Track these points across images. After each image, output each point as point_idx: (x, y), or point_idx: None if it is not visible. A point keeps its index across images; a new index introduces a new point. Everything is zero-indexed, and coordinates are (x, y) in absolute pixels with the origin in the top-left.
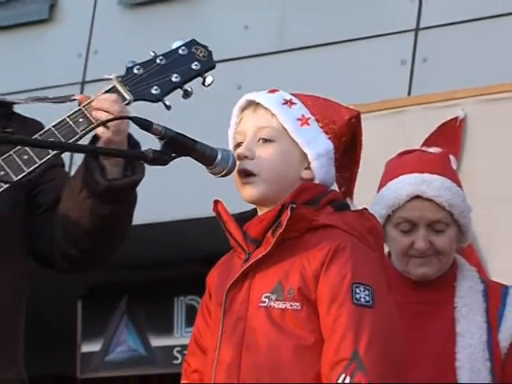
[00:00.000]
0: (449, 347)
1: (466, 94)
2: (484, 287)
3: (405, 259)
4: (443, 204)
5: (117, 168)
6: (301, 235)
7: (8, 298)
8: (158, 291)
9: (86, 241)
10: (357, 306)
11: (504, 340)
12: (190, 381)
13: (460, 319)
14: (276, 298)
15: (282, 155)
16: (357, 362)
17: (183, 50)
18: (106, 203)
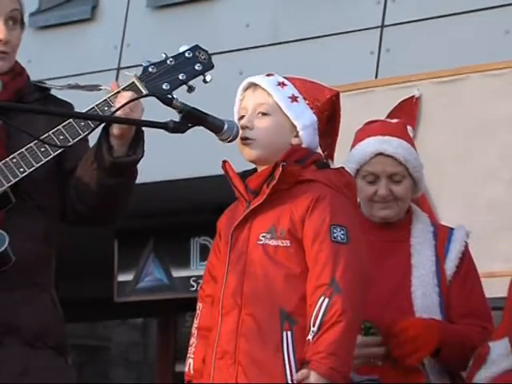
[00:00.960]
0: (406, 276)
1: (421, 77)
2: (433, 229)
3: (370, 204)
4: (400, 159)
5: (122, 148)
6: (290, 187)
7: (40, 245)
8: (178, 234)
9: (91, 201)
10: (334, 242)
11: (449, 269)
12: (204, 304)
13: (414, 254)
14: (270, 237)
15: (276, 126)
16: (334, 286)
17: (188, 54)
18: (110, 176)
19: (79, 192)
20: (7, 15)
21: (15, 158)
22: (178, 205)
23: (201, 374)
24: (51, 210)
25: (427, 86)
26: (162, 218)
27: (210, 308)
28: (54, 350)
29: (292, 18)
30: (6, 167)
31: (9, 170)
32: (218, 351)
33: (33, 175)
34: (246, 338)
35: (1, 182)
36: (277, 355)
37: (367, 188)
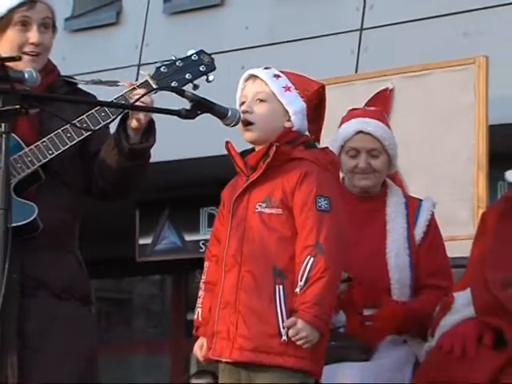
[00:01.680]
0: (382, 240)
1: (394, 72)
2: (405, 200)
3: (352, 175)
4: (377, 137)
5: (137, 136)
6: (282, 164)
7: (66, 214)
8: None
9: (112, 179)
10: (319, 211)
11: (418, 235)
12: (210, 262)
13: (389, 222)
14: (265, 206)
15: (272, 111)
16: (318, 248)
17: (194, 57)
18: (128, 159)
19: (102, 171)
20: (39, 22)
21: (45, 142)
22: (189, 180)
23: (207, 321)
24: (75, 186)
25: (399, 79)
26: (175, 191)
27: (215, 266)
28: (79, 300)
29: (285, 22)
30: (37, 149)
31: (39, 151)
32: (221, 302)
33: (60, 156)
34: (245, 291)
35: (32, 161)
36: (270, 305)
37: (350, 161)
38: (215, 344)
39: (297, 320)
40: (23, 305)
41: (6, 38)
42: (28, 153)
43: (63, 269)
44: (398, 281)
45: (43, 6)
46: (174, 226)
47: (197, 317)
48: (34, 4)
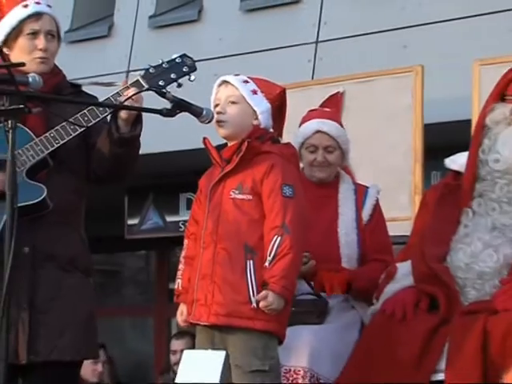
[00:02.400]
0: (334, 221)
1: (344, 79)
2: (354, 187)
3: (310, 168)
4: (333, 135)
5: (126, 127)
6: (252, 157)
7: (71, 197)
8: (170, 190)
9: (107, 165)
10: (284, 197)
11: (365, 217)
12: (188, 240)
13: (341, 205)
14: (238, 193)
15: (242, 111)
16: (284, 228)
17: (178, 59)
18: (118, 146)
19: (98, 158)
20: (46, 31)
21: (52, 133)
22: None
23: (186, 290)
24: (79, 172)
25: (349, 84)
26: (158, 179)
27: (193, 243)
28: (82, 272)
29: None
30: (45, 139)
31: (48, 141)
32: (200, 274)
33: (65, 146)
34: (220, 265)
35: (42, 150)
36: (242, 277)
37: (309, 156)
38: (194, 310)
39: (268, 293)
40: (34, 274)
41: (18, 45)
42: (38, 142)
43: (69, 244)
44: (347, 255)
45: (49, 18)
46: (157, 208)
47: (177, 286)
48: (41, 16)
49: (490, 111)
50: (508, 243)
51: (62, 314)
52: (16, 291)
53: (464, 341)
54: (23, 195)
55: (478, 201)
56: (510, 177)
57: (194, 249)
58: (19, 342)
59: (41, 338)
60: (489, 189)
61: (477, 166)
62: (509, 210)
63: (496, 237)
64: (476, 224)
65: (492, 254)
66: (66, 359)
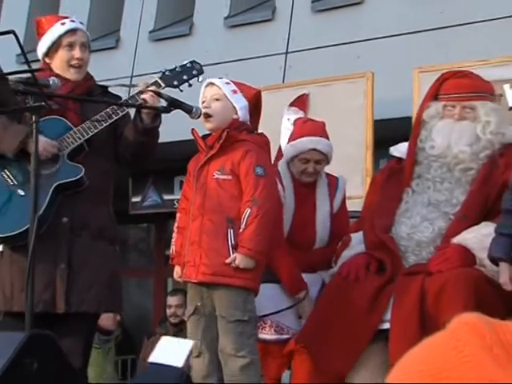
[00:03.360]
0: (313, 211)
1: (309, 82)
2: (328, 181)
3: (301, 174)
4: (324, 152)
5: (148, 119)
6: (231, 144)
7: (103, 177)
8: (167, 174)
9: (133, 151)
10: (257, 176)
11: (335, 206)
12: (180, 213)
13: (318, 198)
14: (220, 174)
15: (224, 107)
16: (254, 201)
17: (189, 64)
18: (142, 135)
19: (126, 145)
20: (80, 43)
21: (87, 124)
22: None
23: (179, 254)
24: (109, 156)
25: (313, 87)
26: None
27: (184, 216)
28: (108, 241)
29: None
30: (82, 129)
31: (84, 130)
32: (189, 241)
33: (98, 135)
34: (206, 233)
35: (79, 137)
36: (224, 243)
37: (301, 166)
38: (185, 270)
39: (235, 255)
40: (70, 240)
41: (58, 56)
42: (76, 131)
43: (99, 217)
44: (321, 239)
45: (82, 33)
46: (155, 189)
47: (172, 251)
48: (76, 31)
49: (426, 108)
50: (441, 217)
51: (90, 274)
52: (55, 253)
53: (405, 296)
54: (65, 174)
55: (416, 181)
56: (442, 160)
57: (184, 220)
58: (57, 295)
59: (74, 293)
60: (425, 171)
61: (416, 153)
62: (441, 188)
63: (431, 211)
64: (415, 200)
65: (428, 226)
66: (92, 311)
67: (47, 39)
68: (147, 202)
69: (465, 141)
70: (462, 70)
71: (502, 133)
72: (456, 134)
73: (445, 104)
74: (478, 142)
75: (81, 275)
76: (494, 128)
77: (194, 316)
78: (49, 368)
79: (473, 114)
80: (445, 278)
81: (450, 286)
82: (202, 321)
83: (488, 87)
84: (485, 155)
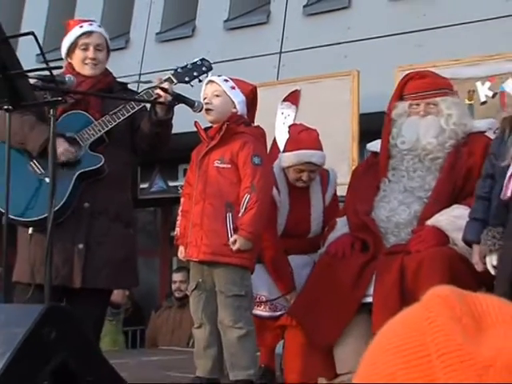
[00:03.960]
0: (308, 207)
1: (300, 80)
2: (320, 177)
3: (296, 182)
4: (318, 164)
5: (162, 112)
6: (231, 136)
7: (122, 166)
8: (172, 162)
9: (149, 141)
10: (254, 165)
11: (327, 199)
12: (184, 198)
13: (312, 197)
14: (220, 162)
15: (223, 102)
16: (252, 188)
17: (199, 62)
18: (156, 127)
19: (142, 137)
20: (95, 45)
21: (107, 117)
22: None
23: (183, 235)
24: (127, 147)
25: (304, 84)
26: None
27: (187, 200)
28: (124, 224)
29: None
30: (102, 122)
31: (104, 123)
32: (192, 223)
33: (117, 128)
34: (207, 216)
35: (100, 130)
36: (223, 226)
37: (296, 175)
38: (188, 250)
39: (236, 237)
40: (89, 223)
41: (75, 55)
42: (96, 124)
43: (116, 203)
44: (314, 231)
45: (98, 35)
46: (162, 176)
47: (176, 233)
48: (91, 34)
49: (394, 108)
50: (416, 201)
51: (106, 253)
52: (74, 234)
53: (387, 273)
54: (87, 163)
55: (391, 172)
56: (413, 152)
57: (188, 204)
58: (74, 271)
59: (89, 270)
60: (399, 163)
61: (388, 148)
62: (414, 176)
63: (407, 196)
64: (391, 188)
65: (405, 209)
66: (105, 287)
67: (67, 40)
68: (154, 188)
69: (431, 133)
70: (422, 71)
71: (464, 123)
72: (423, 129)
73: (410, 103)
74: (443, 133)
75: (97, 254)
76: (456, 119)
77: (196, 291)
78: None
79: (436, 109)
80: (422, 257)
81: (426, 263)
82: (203, 296)
83: (447, 83)
84: (450, 145)
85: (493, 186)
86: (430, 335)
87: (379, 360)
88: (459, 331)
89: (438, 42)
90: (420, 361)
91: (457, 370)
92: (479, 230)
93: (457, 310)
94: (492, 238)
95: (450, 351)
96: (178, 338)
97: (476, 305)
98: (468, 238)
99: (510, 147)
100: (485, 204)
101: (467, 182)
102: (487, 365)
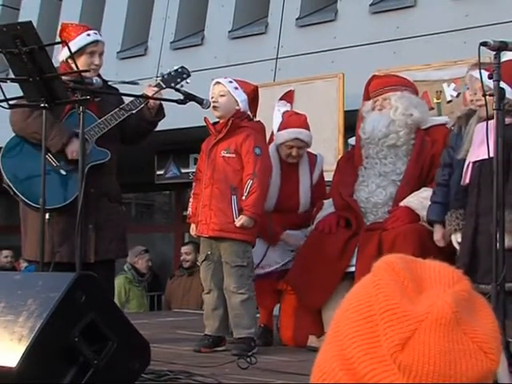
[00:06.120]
0: (297, 184)
1: (294, 81)
2: (307, 159)
3: (287, 157)
4: (306, 141)
5: (152, 113)
6: (235, 129)
7: (115, 155)
8: (184, 152)
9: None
10: (255, 155)
11: (314, 178)
12: (195, 183)
13: (300, 174)
14: (226, 152)
15: (228, 100)
16: (254, 175)
17: (180, 69)
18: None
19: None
20: (100, 52)
21: (109, 117)
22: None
23: (194, 214)
24: (118, 139)
25: (298, 85)
26: (177, 145)
27: (198, 184)
28: (119, 203)
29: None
30: (105, 120)
31: (106, 121)
32: (202, 204)
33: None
34: (215, 198)
35: (103, 128)
36: (229, 206)
37: (287, 150)
38: (199, 227)
39: (242, 217)
40: (96, 206)
41: (80, 60)
42: (100, 122)
43: (114, 185)
44: (303, 205)
45: (102, 44)
46: (175, 164)
47: (188, 212)
48: (98, 42)
49: (363, 106)
50: (391, 184)
51: (111, 229)
52: (85, 217)
53: (367, 246)
54: (95, 157)
55: (366, 161)
56: (373, 141)
57: (198, 188)
58: (88, 249)
59: (100, 245)
60: (370, 152)
61: (360, 141)
62: (386, 162)
63: (383, 180)
64: (368, 174)
65: (382, 191)
66: (114, 257)
67: (75, 45)
68: (169, 174)
69: (382, 124)
70: (380, 74)
71: (410, 113)
72: (377, 120)
73: (373, 100)
74: (393, 123)
75: (105, 232)
76: (402, 110)
77: (206, 262)
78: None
79: (389, 103)
80: (397, 232)
81: (401, 238)
82: (211, 266)
83: (400, 81)
84: (405, 133)
85: (451, 173)
86: (374, 296)
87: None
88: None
89: (411, 50)
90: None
91: (394, 325)
92: (439, 212)
93: (400, 275)
94: (456, 218)
95: (388, 309)
96: (187, 301)
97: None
98: (431, 219)
99: (465, 142)
100: (443, 190)
101: (432, 166)
102: (420, 320)
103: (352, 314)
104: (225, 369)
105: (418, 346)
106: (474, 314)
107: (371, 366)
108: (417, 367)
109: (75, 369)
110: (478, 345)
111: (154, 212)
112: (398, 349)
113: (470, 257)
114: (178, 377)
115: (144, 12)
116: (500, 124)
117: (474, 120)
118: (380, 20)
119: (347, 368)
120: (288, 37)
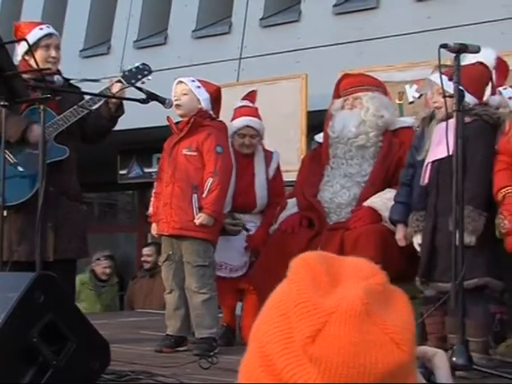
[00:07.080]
0: (252, 178)
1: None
2: (264, 154)
3: (240, 147)
4: (257, 128)
5: (112, 110)
6: (197, 128)
7: (74, 153)
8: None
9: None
10: (217, 153)
11: (270, 172)
12: (157, 182)
13: (256, 167)
14: (188, 151)
15: (190, 99)
16: (215, 173)
17: (141, 66)
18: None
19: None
20: (55, 45)
21: (68, 114)
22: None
23: (155, 213)
24: (78, 137)
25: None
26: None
27: (159, 183)
28: (79, 202)
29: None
30: (64, 117)
31: (65, 118)
32: (163, 203)
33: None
34: (176, 197)
35: (62, 124)
36: (189, 205)
37: (240, 140)
38: (160, 226)
39: (201, 215)
40: (55, 204)
41: (37, 54)
42: (59, 119)
43: (73, 184)
44: (260, 202)
45: (56, 37)
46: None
47: (150, 212)
48: (51, 35)
49: (332, 104)
50: (355, 185)
51: (70, 228)
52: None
53: (329, 246)
54: (54, 153)
55: (332, 160)
56: (342, 141)
57: (160, 187)
58: (47, 247)
59: (59, 244)
60: (337, 152)
61: (328, 139)
62: (352, 163)
63: (347, 181)
64: (333, 174)
65: (346, 192)
66: (74, 257)
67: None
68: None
69: (352, 124)
70: (352, 72)
71: (381, 115)
72: (347, 120)
73: (343, 99)
74: (364, 123)
75: (64, 230)
76: (373, 111)
77: (167, 262)
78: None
79: (360, 103)
80: (359, 232)
81: (363, 237)
82: (172, 266)
83: (371, 82)
84: (374, 134)
85: (414, 174)
86: (288, 291)
87: (261, 316)
88: (311, 287)
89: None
90: (284, 315)
91: (305, 318)
92: (402, 212)
93: (315, 270)
94: (416, 220)
95: (300, 303)
96: (149, 302)
97: (336, 265)
98: (393, 218)
99: (426, 143)
100: (407, 189)
101: (398, 168)
102: (330, 312)
103: (270, 311)
104: (186, 369)
105: (329, 338)
106: (387, 307)
107: (287, 361)
108: (327, 358)
109: (34, 369)
110: (389, 336)
111: (117, 212)
112: (309, 341)
113: (429, 255)
114: (139, 377)
115: (107, 10)
116: (460, 125)
117: (434, 121)
118: (343, 21)
119: (266, 364)
120: (252, 37)
